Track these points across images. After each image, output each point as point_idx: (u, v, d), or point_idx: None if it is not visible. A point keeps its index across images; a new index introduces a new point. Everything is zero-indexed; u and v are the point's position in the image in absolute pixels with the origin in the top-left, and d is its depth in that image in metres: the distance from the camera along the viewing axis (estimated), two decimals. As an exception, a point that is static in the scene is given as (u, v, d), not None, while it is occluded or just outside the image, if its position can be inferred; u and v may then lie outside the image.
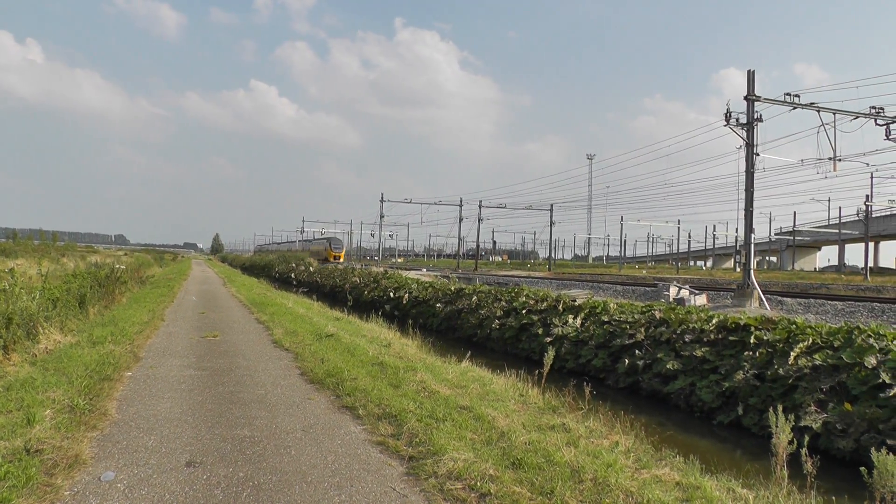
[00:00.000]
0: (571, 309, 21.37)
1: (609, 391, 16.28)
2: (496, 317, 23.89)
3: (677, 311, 18.16)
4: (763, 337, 14.58)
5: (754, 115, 29.78)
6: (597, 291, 33.58)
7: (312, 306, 29.13)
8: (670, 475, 7.47)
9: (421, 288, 34.32)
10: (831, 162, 32.61)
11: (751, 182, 29.46)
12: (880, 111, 33.75)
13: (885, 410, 10.84)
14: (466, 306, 27.05)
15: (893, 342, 12.45)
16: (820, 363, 12.72)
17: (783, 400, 12.31)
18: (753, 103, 29.88)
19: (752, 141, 29.64)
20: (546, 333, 20.35)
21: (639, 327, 17.70)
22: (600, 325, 18.98)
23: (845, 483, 8.89)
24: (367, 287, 41.60)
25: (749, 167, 29.62)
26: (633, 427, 10.14)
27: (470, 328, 25.50)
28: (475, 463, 7.07)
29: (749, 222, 28.94)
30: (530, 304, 23.36)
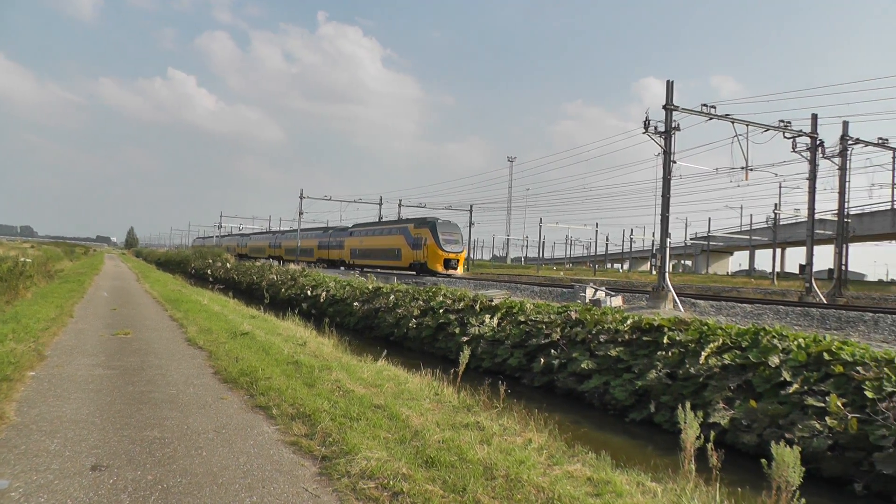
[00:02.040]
0: (488, 309, 21.53)
1: (525, 390, 16.44)
2: (413, 316, 23.92)
3: (593, 312, 18.46)
4: (676, 338, 14.98)
5: (672, 123, 30.51)
6: (514, 292, 33.82)
7: (228, 304, 28.69)
8: (582, 471, 7.60)
9: (339, 286, 34.15)
10: (743, 171, 33.73)
11: (667, 188, 30.10)
12: (788, 125, 35.23)
13: (786, 406, 11.42)
14: (384, 305, 27.03)
15: (795, 343, 13.01)
16: (729, 363, 13.22)
17: (694, 398, 12.72)
18: (671, 113, 30.55)
19: (669, 149, 30.31)
20: (463, 333, 20.47)
21: (555, 327, 17.94)
22: (517, 325, 19.17)
23: (749, 475, 9.15)
24: (284, 285, 41.19)
25: (666, 174, 30.27)
26: (547, 425, 10.25)
27: (387, 327, 25.47)
28: (388, 462, 7.04)
29: (665, 227, 29.58)
30: (448, 303, 23.46)
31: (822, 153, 37.55)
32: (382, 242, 65.83)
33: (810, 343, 12.90)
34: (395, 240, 62.77)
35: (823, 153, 37.71)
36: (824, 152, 37.74)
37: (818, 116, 37.14)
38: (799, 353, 12.47)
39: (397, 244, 62.02)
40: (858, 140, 38.78)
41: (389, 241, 64.33)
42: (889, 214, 71.38)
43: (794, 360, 12.36)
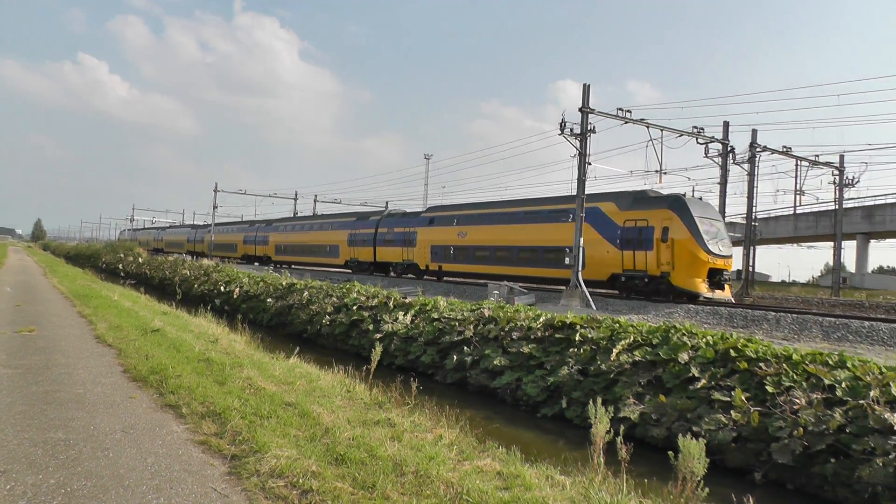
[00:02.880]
0: (402, 306, 21.61)
1: (437, 387, 16.55)
2: (327, 313, 23.82)
3: (506, 310, 18.69)
4: (588, 335, 15.28)
5: (588, 126, 31.04)
6: (427, 289, 33.97)
7: (140, 299, 28.03)
8: (492, 465, 7.71)
9: (252, 282, 33.77)
10: (658, 174, 34.59)
11: (582, 189, 30.57)
12: (701, 131, 36.40)
13: (694, 401, 11.89)
14: (298, 302, 26.84)
15: (703, 340, 13.46)
16: (640, 359, 13.60)
17: (605, 393, 13.02)
18: (587, 115, 31.05)
19: (584, 150, 30.80)
20: (376, 330, 20.48)
21: (468, 324, 18.08)
22: (430, 322, 19.27)
23: (657, 467, 9.37)
24: (197, 280, 40.50)
25: (581, 175, 30.73)
26: (458, 421, 10.35)
27: (301, 324, 25.31)
28: (298, 460, 7.01)
29: (579, 227, 30.03)
30: (361, 300, 23.44)
31: (732, 159, 39.02)
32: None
33: (718, 341, 13.37)
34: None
35: (734, 159, 39.19)
36: (735, 158, 39.21)
37: (730, 124, 38.69)
38: (707, 350, 12.94)
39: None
40: (766, 148, 40.53)
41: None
42: (791, 219, 74.09)
43: (703, 356, 12.83)
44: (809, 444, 9.90)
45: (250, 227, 77.87)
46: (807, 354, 12.04)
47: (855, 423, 9.83)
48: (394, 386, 12.06)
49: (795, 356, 11.96)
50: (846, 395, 10.45)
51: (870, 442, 9.39)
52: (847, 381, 10.73)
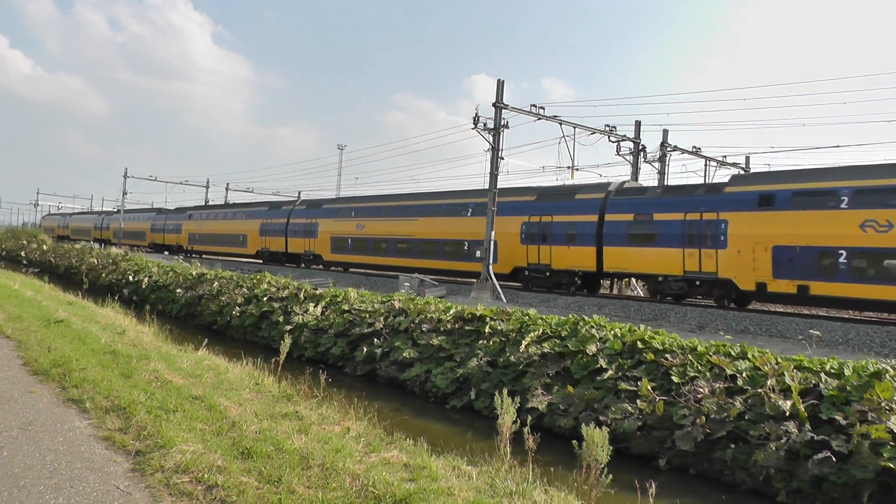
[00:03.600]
0: (312, 297, 21.49)
1: (347, 379, 16.54)
2: (237, 304, 23.49)
3: (416, 302, 18.80)
4: (497, 327, 15.47)
5: (501, 121, 31.35)
6: (339, 280, 33.87)
7: (43, 289, 27.20)
8: (399, 457, 7.76)
9: (162, 272, 33.03)
10: (570, 170, 35.11)
11: (494, 183, 30.82)
12: (613, 129, 36.99)
13: (601, 391, 12.20)
14: (207, 292, 26.40)
15: (612, 332, 13.78)
16: (548, 351, 13.83)
17: (513, 384, 13.25)
18: (501, 111, 31.34)
19: (497, 145, 31.06)
20: (286, 321, 20.30)
21: (378, 316, 18.10)
22: (340, 314, 19.22)
23: (564, 456, 9.52)
24: (105, 269, 39.38)
25: (493, 170, 30.99)
26: (367, 413, 10.39)
27: (210, 315, 24.88)
28: (204, 455, 6.92)
29: (491, 220, 30.32)
30: (272, 291, 23.21)
31: (643, 157, 39.69)
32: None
33: (626, 333, 13.70)
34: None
35: (645, 158, 39.83)
36: (646, 157, 39.87)
37: (641, 123, 39.44)
38: (615, 342, 13.25)
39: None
40: (676, 147, 41.30)
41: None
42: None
43: (611, 348, 13.14)
44: (711, 431, 10.37)
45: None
46: (711, 346, 12.51)
47: (753, 410, 10.35)
48: (303, 378, 12.02)
49: (700, 348, 12.42)
50: (746, 384, 10.95)
51: (766, 428, 9.92)
52: (747, 372, 11.24)
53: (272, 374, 12.35)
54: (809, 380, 10.68)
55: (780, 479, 9.52)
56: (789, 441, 9.58)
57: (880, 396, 9.63)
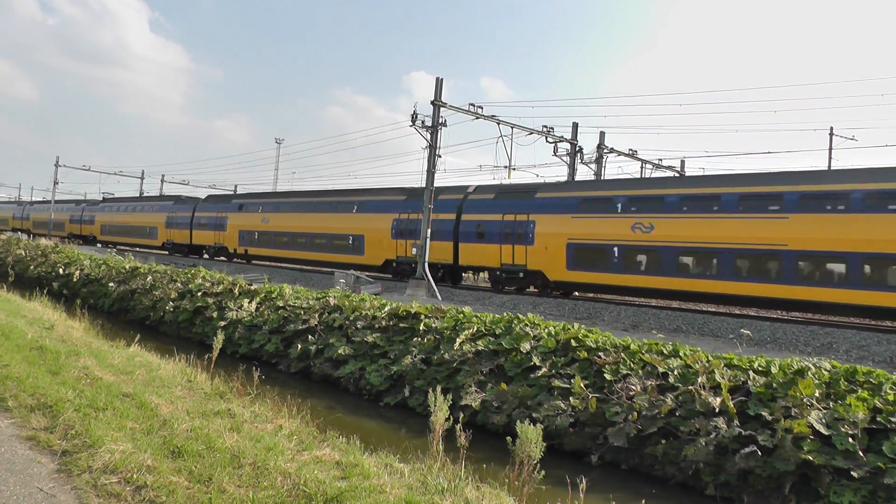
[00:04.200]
0: (247, 293, 21.31)
1: (281, 376, 16.43)
2: (171, 299, 23.16)
3: (351, 298, 18.77)
4: (432, 325, 15.54)
5: (439, 119, 31.49)
6: (274, 276, 33.61)
7: (-40, 282, 26.44)
8: (331, 455, 7.74)
9: (94, 265, 32.31)
10: (507, 170, 35.44)
11: (431, 181, 30.89)
12: (551, 130, 37.56)
13: (534, 389, 12.35)
14: (141, 287, 25.95)
15: (546, 331, 13.95)
16: (482, 349, 13.92)
17: (447, 382, 13.32)
18: (439, 109, 31.47)
19: (435, 143, 31.19)
20: (220, 317, 20.08)
21: (313, 313, 18.01)
22: (275, 311, 19.08)
23: (497, 452, 9.57)
24: (33, 261, 38.33)
25: (431, 167, 31.07)
26: (300, 411, 10.28)
27: (143, 310, 24.44)
28: (133, 454, 6.78)
29: (427, 218, 30.37)
30: (206, 286, 22.93)
31: (580, 159, 40.42)
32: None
33: (559, 331, 13.84)
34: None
35: (582, 159, 40.61)
36: (583, 158, 40.64)
37: (579, 125, 40.05)
38: (549, 340, 13.41)
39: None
40: (613, 149, 42.21)
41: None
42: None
43: (544, 346, 13.28)
44: (643, 428, 10.61)
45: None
46: (643, 344, 12.75)
47: (684, 407, 10.62)
48: (236, 375, 11.93)
49: (633, 346, 12.64)
50: (678, 381, 11.23)
51: (696, 424, 10.21)
52: (679, 369, 11.51)
53: (205, 371, 12.21)
54: (738, 377, 11.01)
55: (708, 473, 9.83)
56: (718, 436, 9.88)
57: (803, 393, 9.97)
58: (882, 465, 8.69)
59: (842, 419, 9.41)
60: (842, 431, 9.22)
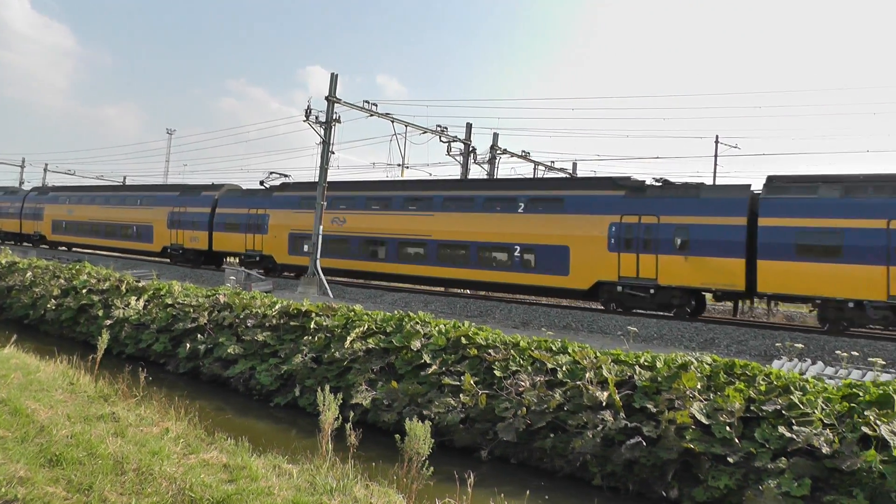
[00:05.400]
0: (135, 290, 20.72)
1: (169, 377, 15.93)
2: (53, 296, 22.28)
3: (242, 296, 18.47)
4: (323, 322, 15.42)
5: (333, 115, 31.22)
6: (163, 273, 32.79)
7: None
8: (218, 458, 7.63)
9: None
10: (400, 168, 35.46)
11: (324, 177, 30.58)
12: (445, 129, 37.77)
13: (424, 386, 12.46)
14: (19, 283, 24.86)
15: (436, 328, 14.06)
16: (373, 346, 13.92)
17: (338, 381, 13.30)
18: (334, 105, 31.20)
19: (328, 139, 30.93)
20: (107, 315, 19.44)
21: (203, 311, 17.64)
22: (164, 308, 18.60)
23: (387, 450, 9.55)
24: None
25: (324, 164, 30.78)
26: (187, 413, 10.05)
27: (22, 308, 23.30)
28: (3, 465, 6.52)
29: (319, 215, 30.13)
30: (92, 283, 22.17)
31: (474, 159, 40.75)
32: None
33: (450, 329, 13.97)
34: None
35: (475, 159, 40.91)
36: (476, 158, 40.94)
37: (473, 126, 40.51)
38: (439, 337, 13.52)
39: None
40: (506, 150, 42.71)
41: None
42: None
43: (435, 344, 13.40)
44: (532, 422, 10.87)
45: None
46: (533, 342, 12.97)
47: (572, 401, 10.96)
48: (122, 377, 11.57)
49: (523, 343, 12.87)
50: (566, 377, 11.53)
51: (583, 417, 10.58)
52: (567, 365, 11.82)
53: (89, 372, 11.82)
54: (625, 372, 11.41)
55: (595, 464, 10.20)
56: (605, 429, 10.27)
57: (686, 385, 10.46)
58: (754, 451, 9.29)
59: (721, 409, 9.95)
60: (720, 421, 9.77)
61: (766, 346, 18.93)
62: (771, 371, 11.04)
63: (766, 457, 9.17)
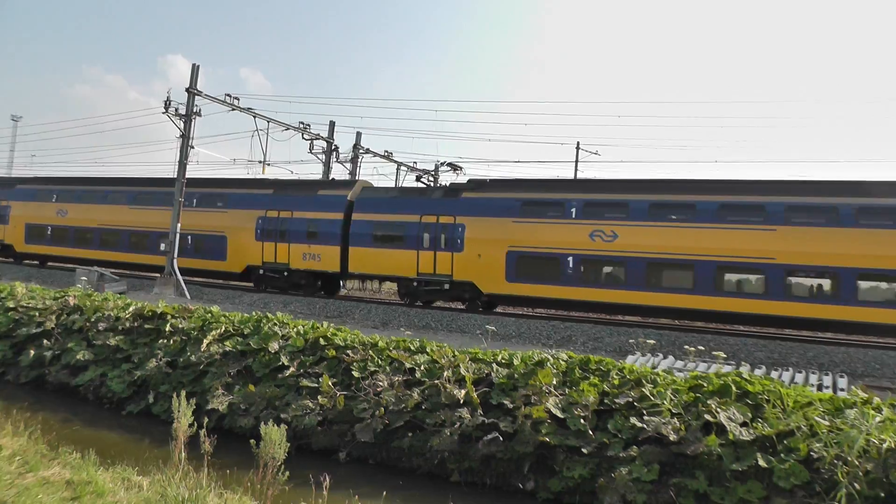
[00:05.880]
0: (-33, 293, 19.44)
1: (9, 388, 15.01)
2: None
3: (94, 298, 17.60)
4: (179, 325, 14.92)
5: (194, 108, 30.47)
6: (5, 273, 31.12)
7: None
8: (61, 474, 7.25)
9: None
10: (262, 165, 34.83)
11: (183, 173, 29.81)
12: (307, 127, 37.65)
13: (282, 389, 12.32)
14: None
15: (294, 330, 13.89)
16: (230, 349, 13.62)
17: (193, 385, 12.91)
18: (194, 97, 30.48)
19: (188, 133, 30.15)
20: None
21: (50, 315, 16.68)
22: (4, 312, 17.46)
23: (244, 456, 9.25)
24: None
25: (183, 158, 30.07)
26: (28, 427, 9.54)
27: None
28: None
29: (177, 211, 29.26)
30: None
31: (336, 157, 40.78)
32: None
33: (308, 330, 13.83)
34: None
35: (338, 158, 40.99)
36: (338, 157, 41.03)
37: (335, 124, 40.51)
38: (297, 339, 13.37)
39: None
40: (369, 150, 42.92)
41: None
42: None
43: (293, 345, 13.24)
44: (390, 422, 10.94)
45: None
46: (392, 342, 13.01)
47: (430, 400, 11.10)
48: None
49: (381, 343, 12.89)
50: (424, 376, 11.64)
51: (441, 415, 10.74)
52: (425, 364, 11.94)
53: None
54: (483, 370, 11.61)
55: (453, 461, 10.36)
56: (462, 426, 10.45)
57: (542, 381, 10.74)
58: (607, 441, 9.73)
59: (576, 403, 10.33)
60: (575, 414, 10.15)
61: (620, 342, 19.94)
62: (624, 366, 11.53)
63: (618, 446, 9.63)
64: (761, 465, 8.71)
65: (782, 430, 9.11)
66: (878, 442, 8.34)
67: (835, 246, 20.58)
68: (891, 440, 8.32)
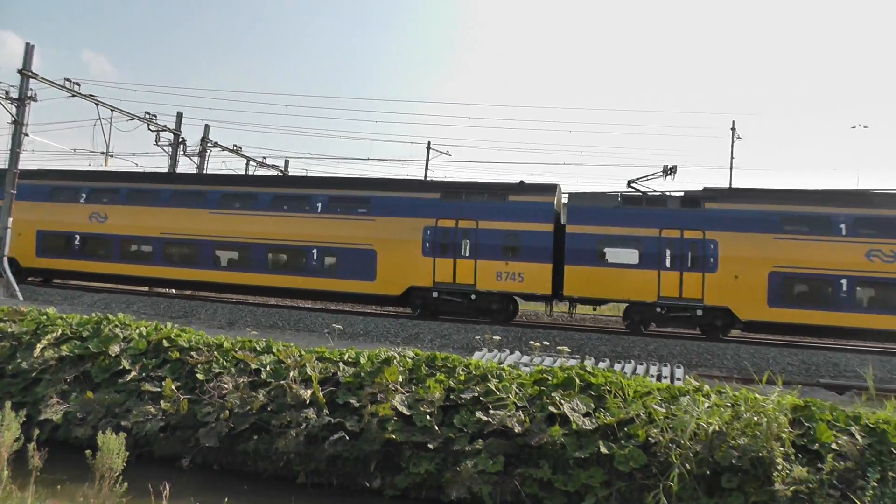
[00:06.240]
0: None
1: None
2: None
3: None
4: (9, 329, 14.07)
5: (28, 92, 28.47)
6: None
7: None
8: None
9: None
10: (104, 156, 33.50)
11: (16, 163, 28.00)
12: (154, 118, 36.56)
13: (123, 394, 11.84)
14: None
15: (137, 331, 13.41)
16: (67, 354, 12.93)
17: (24, 395, 12.25)
18: (29, 80, 28.48)
19: (22, 119, 28.35)
20: None
21: None
22: None
23: (79, 469, 8.87)
24: None
25: (15, 147, 28.15)
26: None
27: None
28: None
29: (9, 206, 27.61)
30: None
31: (183, 150, 39.77)
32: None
33: (151, 331, 13.36)
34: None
35: (185, 150, 39.95)
36: (185, 150, 39.98)
37: (183, 115, 39.35)
38: (140, 341, 12.90)
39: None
40: (217, 144, 42.24)
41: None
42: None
43: (135, 348, 12.76)
44: (235, 426, 10.77)
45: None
46: (237, 342, 12.79)
47: (275, 401, 11.02)
48: None
49: (226, 344, 12.66)
50: (270, 377, 11.53)
51: (287, 417, 10.69)
52: (271, 365, 11.81)
53: None
54: (329, 369, 11.62)
55: (299, 463, 10.36)
56: (308, 426, 10.46)
57: (388, 379, 10.90)
58: (453, 436, 9.99)
59: (422, 400, 10.53)
60: (421, 411, 10.34)
61: (468, 339, 20.37)
62: (470, 362, 11.78)
63: (464, 440, 9.92)
64: (603, 451, 9.23)
65: (623, 419, 9.66)
66: (707, 426, 8.97)
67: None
68: (716, 423, 8.98)
